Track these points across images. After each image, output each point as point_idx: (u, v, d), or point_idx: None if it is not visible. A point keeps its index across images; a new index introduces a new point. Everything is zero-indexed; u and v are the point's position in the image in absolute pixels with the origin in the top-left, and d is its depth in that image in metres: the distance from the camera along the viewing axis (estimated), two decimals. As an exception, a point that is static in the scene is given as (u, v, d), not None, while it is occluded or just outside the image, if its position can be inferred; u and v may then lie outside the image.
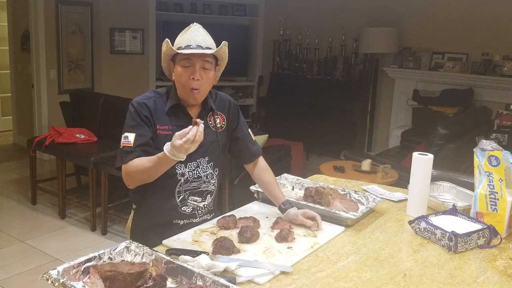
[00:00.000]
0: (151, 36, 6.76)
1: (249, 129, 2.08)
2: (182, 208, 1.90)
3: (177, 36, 1.85)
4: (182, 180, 1.87)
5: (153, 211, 1.90)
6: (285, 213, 1.91)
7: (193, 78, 1.78)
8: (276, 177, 2.18)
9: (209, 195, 1.96)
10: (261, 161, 2.08)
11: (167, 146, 1.62)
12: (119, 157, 1.81)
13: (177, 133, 1.57)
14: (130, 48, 6.66)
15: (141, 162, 1.76)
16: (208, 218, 1.96)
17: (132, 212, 2.01)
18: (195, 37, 1.79)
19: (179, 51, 1.78)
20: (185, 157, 1.63)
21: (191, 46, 1.77)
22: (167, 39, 1.81)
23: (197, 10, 7.19)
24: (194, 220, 1.92)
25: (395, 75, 6.42)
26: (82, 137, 4.46)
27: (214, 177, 1.95)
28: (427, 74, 6.11)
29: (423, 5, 6.09)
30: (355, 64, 6.68)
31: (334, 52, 6.83)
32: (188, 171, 1.87)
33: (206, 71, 1.81)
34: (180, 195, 1.88)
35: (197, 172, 1.89)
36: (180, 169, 1.85)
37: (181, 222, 1.90)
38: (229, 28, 7.17)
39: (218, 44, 1.85)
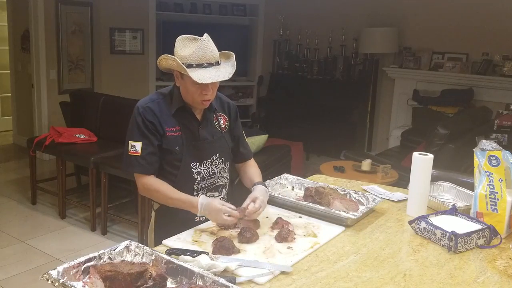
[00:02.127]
0: (151, 36, 6.75)
1: (243, 131, 2.15)
2: None
3: (175, 36, 1.82)
4: (199, 179, 1.94)
5: (175, 209, 1.92)
6: (253, 187, 1.95)
7: (205, 94, 1.83)
8: (276, 177, 2.22)
9: (224, 189, 2.03)
10: (251, 160, 2.16)
11: (203, 200, 1.78)
12: (127, 162, 1.90)
13: (225, 208, 1.75)
14: (130, 48, 6.65)
15: (166, 189, 1.87)
16: None
17: (154, 213, 2.04)
18: (205, 54, 1.78)
19: (190, 73, 1.74)
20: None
21: (203, 65, 1.77)
22: (174, 57, 1.78)
23: (197, 10, 7.18)
24: None
25: (395, 75, 6.41)
26: (82, 137, 4.46)
27: (226, 171, 2.03)
28: (427, 74, 6.11)
29: (423, 5, 6.09)
30: (355, 64, 6.67)
31: (334, 52, 6.82)
32: (204, 169, 1.94)
33: (214, 82, 1.83)
34: (199, 193, 1.94)
35: (212, 169, 1.96)
36: (196, 168, 1.93)
37: (203, 218, 1.93)
38: (229, 28, 7.17)
39: (217, 46, 1.84)
